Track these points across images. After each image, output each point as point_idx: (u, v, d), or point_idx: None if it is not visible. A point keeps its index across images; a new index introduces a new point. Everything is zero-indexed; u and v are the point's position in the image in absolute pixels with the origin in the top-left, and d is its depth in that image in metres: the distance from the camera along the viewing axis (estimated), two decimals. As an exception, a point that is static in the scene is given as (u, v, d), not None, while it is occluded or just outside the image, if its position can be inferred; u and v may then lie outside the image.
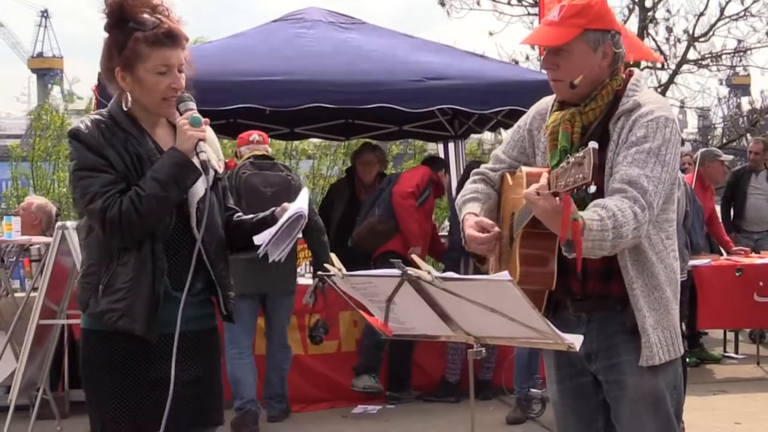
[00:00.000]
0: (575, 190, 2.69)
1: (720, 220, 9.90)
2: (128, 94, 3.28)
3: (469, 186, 3.55)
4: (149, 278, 3.19)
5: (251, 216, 3.57)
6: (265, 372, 7.39)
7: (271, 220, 3.46)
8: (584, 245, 2.84)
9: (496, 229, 3.28)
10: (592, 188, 2.74)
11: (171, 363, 3.17)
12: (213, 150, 3.42)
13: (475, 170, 3.62)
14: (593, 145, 2.64)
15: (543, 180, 2.84)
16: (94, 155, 3.19)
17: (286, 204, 3.48)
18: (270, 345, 7.40)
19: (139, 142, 3.25)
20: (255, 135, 7.46)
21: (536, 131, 3.41)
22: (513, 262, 3.17)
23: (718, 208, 10.17)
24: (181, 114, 3.27)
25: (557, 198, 2.78)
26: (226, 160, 3.54)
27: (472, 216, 3.36)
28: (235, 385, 6.98)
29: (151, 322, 3.19)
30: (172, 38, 3.25)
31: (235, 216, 3.58)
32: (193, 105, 3.28)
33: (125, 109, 3.28)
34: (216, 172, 3.37)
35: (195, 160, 3.21)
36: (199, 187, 3.31)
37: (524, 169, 3.24)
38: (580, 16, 3.15)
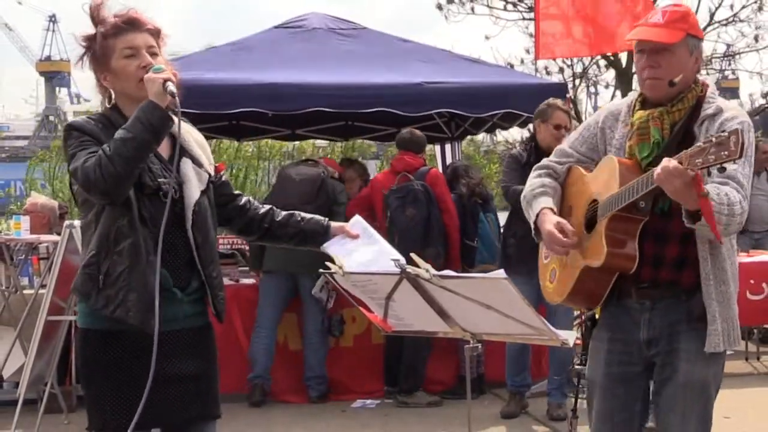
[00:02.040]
0: (717, 166, 2.85)
1: None
2: (111, 91, 3.30)
3: (536, 180, 3.69)
4: (143, 267, 3.16)
5: (289, 214, 3.67)
6: (303, 354, 7.58)
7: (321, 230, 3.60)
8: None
9: (576, 238, 3.40)
10: (734, 165, 3.00)
11: (169, 359, 3.20)
12: (206, 153, 3.44)
13: (539, 164, 3.78)
14: (738, 126, 2.89)
15: (672, 162, 2.96)
16: (87, 135, 3.20)
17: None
18: (306, 327, 7.60)
19: None
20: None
21: (608, 129, 3.57)
22: (596, 244, 3.31)
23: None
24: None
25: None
26: (217, 165, 3.52)
27: (551, 213, 3.51)
28: (252, 360, 7.48)
29: (147, 313, 3.15)
30: (132, 23, 3.28)
31: (249, 203, 3.64)
32: (161, 67, 3.23)
33: (108, 105, 3.31)
34: (210, 175, 3.39)
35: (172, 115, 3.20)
36: (195, 191, 3.31)
37: (615, 158, 3.39)
38: (683, 21, 3.38)
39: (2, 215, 15.54)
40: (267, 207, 3.68)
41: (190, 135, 3.42)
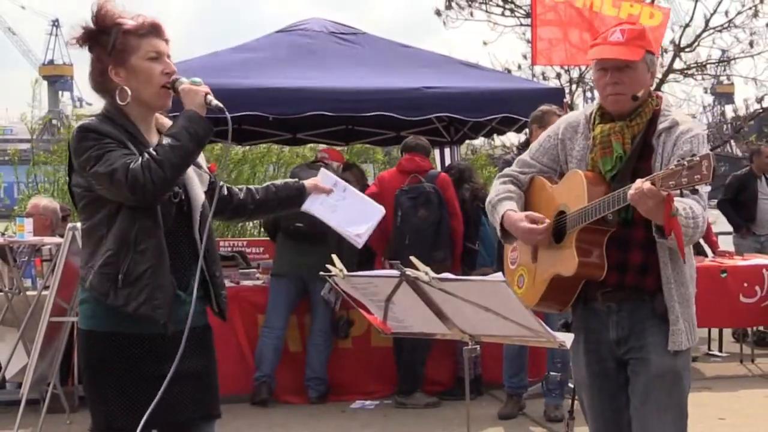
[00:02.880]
0: (690, 188, 3.02)
1: (709, 221, 9.91)
2: (125, 88, 3.25)
3: (501, 186, 3.80)
4: (167, 267, 3.20)
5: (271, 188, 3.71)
6: (306, 355, 7.62)
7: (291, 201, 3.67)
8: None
9: (547, 220, 3.55)
10: (707, 188, 3.21)
11: (170, 359, 3.17)
12: (202, 155, 3.44)
13: (502, 173, 3.90)
14: (706, 151, 3.04)
15: (646, 183, 3.11)
16: (108, 138, 3.19)
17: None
18: (312, 329, 7.65)
19: (138, 139, 3.26)
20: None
21: (568, 141, 3.70)
22: (566, 255, 3.46)
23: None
24: (177, 93, 3.28)
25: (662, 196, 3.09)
26: (209, 165, 3.54)
27: (513, 212, 3.64)
28: (258, 359, 7.53)
29: (173, 309, 3.20)
30: (156, 29, 3.30)
31: (238, 191, 3.66)
32: (185, 78, 3.28)
33: (122, 103, 3.26)
34: (209, 174, 3.43)
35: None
36: (200, 192, 3.34)
37: (580, 172, 3.53)
38: (642, 39, 3.53)
39: (6, 218, 15.51)
40: (244, 189, 3.69)
41: None
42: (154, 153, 3.11)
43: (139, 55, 3.25)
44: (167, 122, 3.39)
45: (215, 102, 3.22)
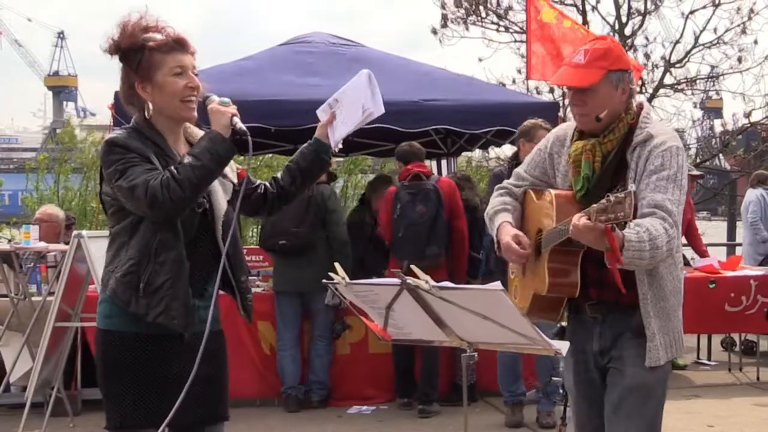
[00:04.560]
0: (617, 223, 2.96)
1: (698, 231, 10.08)
2: (150, 103, 3.29)
3: (498, 198, 3.76)
4: (186, 278, 3.23)
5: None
6: (309, 361, 7.70)
7: (313, 162, 3.63)
8: (624, 257, 3.10)
9: (530, 249, 3.48)
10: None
11: (184, 360, 3.21)
12: (228, 165, 3.43)
13: (500, 185, 3.85)
14: (632, 187, 2.94)
15: (582, 219, 3.05)
16: (133, 152, 3.21)
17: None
18: (313, 335, 7.73)
19: (165, 152, 3.28)
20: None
21: (556, 155, 3.64)
22: (541, 274, 3.41)
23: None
24: (207, 108, 3.32)
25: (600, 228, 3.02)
26: (238, 171, 3.54)
27: (509, 226, 3.60)
28: (281, 373, 7.67)
29: (189, 319, 3.24)
30: (181, 44, 3.31)
31: (271, 186, 3.62)
32: (216, 97, 3.33)
33: (147, 117, 3.30)
34: (233, 183, 3.43)
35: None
36: (222, 202, 3.36)
37: (552, 192, 3.50)
38: (603, 59, 3.40)
39: (12, 224, 15.50)
40: (273, 181, 3.65)
41: None
42: (175, 172, 3.13)
43: (164, 71, 3.27)
44: (198, 132, 3.41)
45: (240, 125, 3.25)
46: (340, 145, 3.60)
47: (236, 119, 3.26)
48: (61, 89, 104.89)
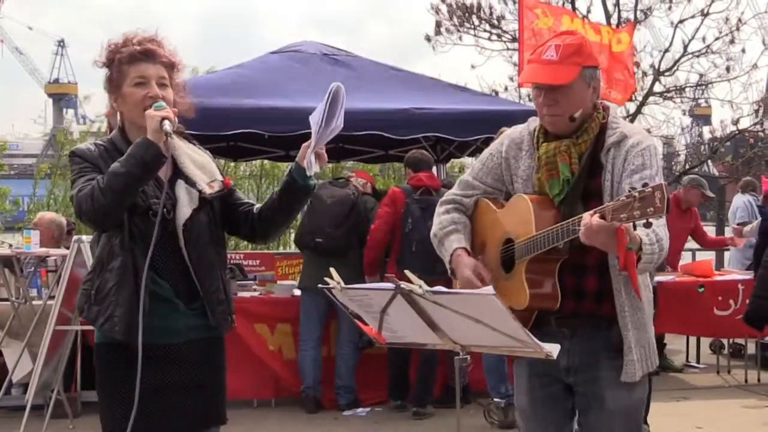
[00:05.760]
0: (644, 221, 2.65)
1: (704, 232, 10.41)
2: (119, 113, 3.31)
3: (445, 217, 3.49)
4: (131, 285, 3.16)
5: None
6: (335, 364, 7.68)
7: (287, 185, 3.42)
8: (641, 262, 2.86)
9: (491, 281, 3.23)
10: (662, 220, 2.82)
11: (171, 370, 3.21)
12: (207, 172, 3.39)
13: (445, 199, 3.54)
14: (659, 179, 2.72)
15: (594, 218, 2.78)
16: (87, 162, 3.22)
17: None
18: (339, 338, 7.71)
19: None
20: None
21: (513, 159, 3.35)
22: (516, 287, 3.17)
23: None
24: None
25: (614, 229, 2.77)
26: (223, 179, 3.46)
27: (465, 254, 3.35)
28: (301, 372, 7.66)
29: (132, 329, 3.13)
30: (147, 54, 3.28)
31: (255, 208, 3.50)
32: (162, 104, 3.22)
33: (117, 126, 3.32)
34: (201, 192, 3.32)
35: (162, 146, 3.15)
36: (185, 210, 3.27)
37: (526, 196, 3.21)
38: (577, 55, 3.15)
39: (16, 230, 15.48)
40: (256, 207, 3.54)
41: (188, 156, 3.38)
42: (101, 180, 3.10)
43: (127, 82, 3.26)
44: (177, 143, 3.33)
45: (167, 127, 3.12)
46: (316, 168, 3.41)
47: (166, 122, 3.13)
48: (61, 96, 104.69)
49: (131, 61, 3.26)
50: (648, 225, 2.69)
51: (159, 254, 3.20)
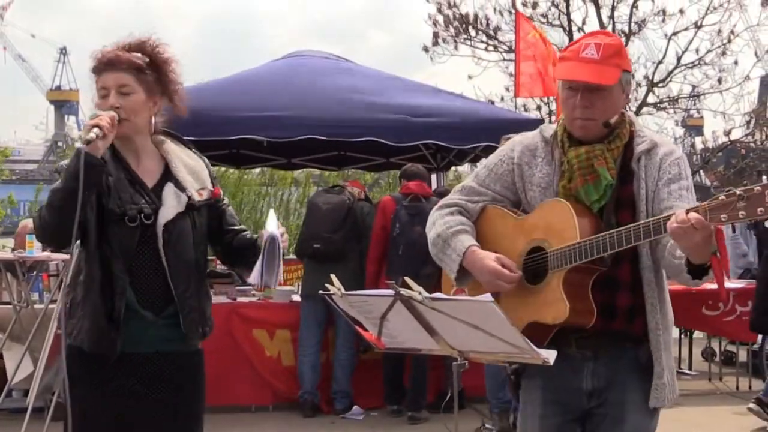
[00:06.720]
0: (748, 221, 2.48)
1: None
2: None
3: (451, 218, 3.18)
4: (97, 295, 3.07)
5: (240, 237, 3.41)
6: (333, 369, 7.67)
7: (248, 246, 3.34)
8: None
9: (519, 272, 2.98)
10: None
11: (133, 380, 3.12)
12: (198, 178, 3.32)
13: (446, 202, 3.27)
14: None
15: (692, 214, 2.52)
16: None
17: (263, 231, 3.29)
18: (336, 345, 7.70)
19: (110, 174, 3.15)
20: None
21: (527, 166, 3.09)
22: (552, 299, 2.90)
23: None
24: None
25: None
26: (212, 189, 3.36)
27: (479, 248, 3.07)
28: (300, 377, 7.65)
29: (99, 340, 3.07)
30: (109, 63, 3.19)
31: (235, 239, 3.41)
32: (96, 112, 3.10)
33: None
34: (189, 198, 3.24)
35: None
36: (169, 212, 3.18)
37: (565, 202, 2.94)
38: (618, 56, 2.94)
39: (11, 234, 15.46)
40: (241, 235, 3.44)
41: (181, 160, 3.31)
42: (48, 197, 3.03)
43: (96, 94, 3.22)
44: (173, 148, 3.31)
45: (89, 135, 2.96)
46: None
47: (94, 130, 2.97)
48: (63, 103, 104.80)
49: (96, 72, 3.21)
50: (753, 226, 2.48)
51: (136, 261, 3.12)
